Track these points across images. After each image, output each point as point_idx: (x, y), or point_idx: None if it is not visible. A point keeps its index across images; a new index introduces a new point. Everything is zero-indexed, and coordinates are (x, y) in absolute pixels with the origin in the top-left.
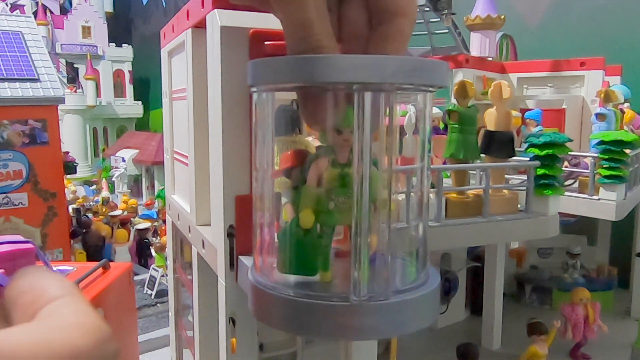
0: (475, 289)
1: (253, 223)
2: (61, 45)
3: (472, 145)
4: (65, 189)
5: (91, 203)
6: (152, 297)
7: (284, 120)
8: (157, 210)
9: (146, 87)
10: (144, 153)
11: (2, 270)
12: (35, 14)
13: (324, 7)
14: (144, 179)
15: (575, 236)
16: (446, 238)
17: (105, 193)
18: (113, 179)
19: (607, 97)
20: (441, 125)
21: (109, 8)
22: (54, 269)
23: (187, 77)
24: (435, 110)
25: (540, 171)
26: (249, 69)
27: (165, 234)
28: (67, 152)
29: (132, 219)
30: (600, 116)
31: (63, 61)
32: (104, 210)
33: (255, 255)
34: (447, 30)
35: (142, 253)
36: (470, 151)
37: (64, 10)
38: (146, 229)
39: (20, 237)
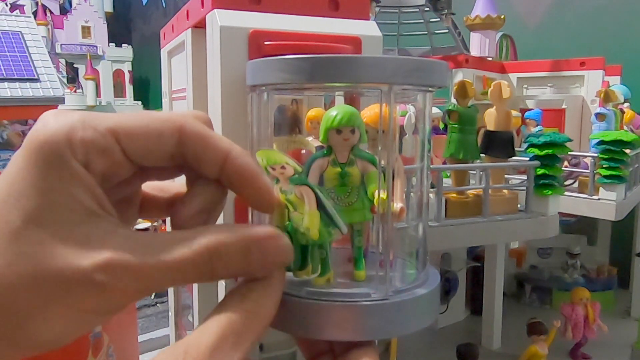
0: (475, 289)
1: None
2: (61, 45)
3: (471, 145)
4: None
5: None
6: (152, 297)
7: (283, 120)
8: None
9: (146, 87)
10: None
11: None
12: (35, 14)
13: None
14: None
15: (575, 236)
16: (446, 238)
17: None
18: None
19: (607, 97)
20: (441, 125)
21: (109, 8)
22: None
23: (187, 77)
24: (435, 110)
25: (540, 171)
26: (248, 69)
27: None
28: None
29: None
30: (600, 116)
31: (63, 61)
32: None
33: None
34: (447, 30)
35: None
36: (470, 151)
37: (64, 11)
38: (146, 229)
39: None
